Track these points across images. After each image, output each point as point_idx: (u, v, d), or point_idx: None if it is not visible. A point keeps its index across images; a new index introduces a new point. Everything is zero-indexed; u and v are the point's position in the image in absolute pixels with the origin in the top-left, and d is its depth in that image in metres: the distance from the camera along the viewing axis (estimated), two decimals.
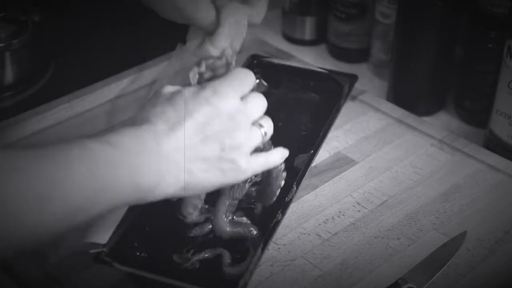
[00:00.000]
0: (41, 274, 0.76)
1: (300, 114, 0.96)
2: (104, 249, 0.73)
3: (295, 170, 0.84)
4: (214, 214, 0.78)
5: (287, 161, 0.88)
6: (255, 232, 0.77)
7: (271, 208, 0.79)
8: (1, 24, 0.99)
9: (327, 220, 0.83)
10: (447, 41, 1.00)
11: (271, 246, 0.79)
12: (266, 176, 0.79)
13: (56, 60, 1.10)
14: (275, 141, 0.92)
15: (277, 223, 0.77)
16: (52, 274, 0.76)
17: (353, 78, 0.96)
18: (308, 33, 1.18)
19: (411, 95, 1.04)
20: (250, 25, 0.80)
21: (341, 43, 1.14)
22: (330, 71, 0.98)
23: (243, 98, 0.72)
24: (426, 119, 1.02)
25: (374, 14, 1.08)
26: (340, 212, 0.84)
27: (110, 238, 0.75)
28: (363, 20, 1.11)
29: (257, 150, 0.74)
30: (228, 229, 0.77)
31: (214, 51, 0.77)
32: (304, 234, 0.81)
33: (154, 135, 0.66)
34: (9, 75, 1.02)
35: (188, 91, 0.70)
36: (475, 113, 1.01)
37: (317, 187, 0.88)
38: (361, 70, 1.12)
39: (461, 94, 1.03)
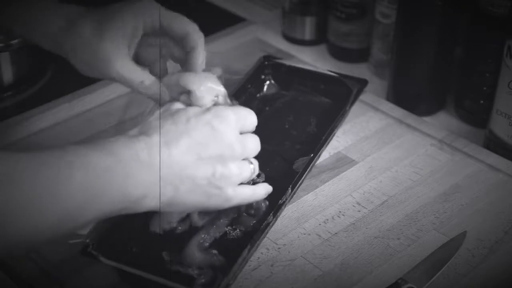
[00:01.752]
0: (41, 274, 0.76)
1: (308, 117, 0.96)
2: (87, 240, 0.73)
3: (294, 173, 0.84)
4: (187, 244, 0.77)
5: (287, 163, 0.88)
6: (222, 261, 0.76)
7: (265, 211, 0.80)
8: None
9: (327, 220, 0.83)
10: (447, 41, 1.00)
11: (271, 246, 0.79)
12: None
13: (56, 60, 1.10)
14: (279, 142, 0.92)
15: (268, 225, 0.77)
16: (52, 274, 0.76)
17: (362, 83, 0.96)
18: (308, 33, 1.18)
19: (411, 95, 1.04)
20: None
21: (341, 43, 1.14)
22: (340, 74, 0.98)
23: (242, 133, 0.71)
24: (426, 119, 1.02)
25: (374, 14, 1.08)
26: (340, 212, 0.84)
27: (100, 232, 0.75)
28: (363, 20, 1.11)
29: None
30: (197, 258, 0.76)
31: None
32: (304, 234, 0.81)
33: (148, 147, 0.65)
34: (9, 75, 1.02)
35: (192, 110, 0.70)
36: (475, 113, 1.01)
37: (317, 187, 0.88)
38: (361, 70, 1.12)
39: (461, 94, 1.03)
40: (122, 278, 0.75)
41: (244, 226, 0.79)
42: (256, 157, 0.76)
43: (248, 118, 0.73)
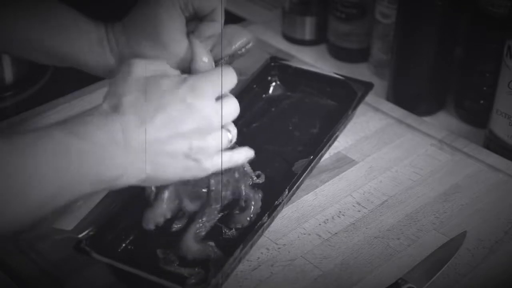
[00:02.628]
0: (41, 274, 0.76)
1: (313, 119, 0.96)
2: (79, 236, 0.74)
3: (293, 174, 0.84)
4: (182, 235, 0.77)
5: (287, 164, 0.88)
6: (218, 253, 0.75)
7: (260, 213, 0.80)
8: None
9: (327, 220, 0.83)
10: (447, 41, 1.00)
11: (271, 246, 0.79)
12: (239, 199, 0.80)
13: None
14: (282, 143, 0.92)
15: (262, 225, 0.77)
16: (52, 273, 0.76)
17: (368, 86, 0.96)
18: (308, 33, 1.18)
19: (411, 95, 1.04)
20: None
21: (341, 43, 1.14)
22: (346, 77, 0.98)
23: (218, 98, 0.70)
24: (426, 119, 1.02)
25: (374, 14, 1.08)
26: (340, 212, 0.84)
27: (95, 227, 0.75)
28: (363, 20, 1.11)
29: None
30: (194, 249, 0.76)
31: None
32: (304, 234, 0.81)
33: (122, 128, 0.65)
34: (9, 75, 1.02)
35: (166, 81, 0.67)
36: (475, 113, 1.01)
37: (317, 187, 0.88)
38: (361, 70, 1.12)
39: (461, 94, 1.03)
40: (115, 275, 0.74)
41: (240, 224, 0.79)
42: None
43: (226, 81, 0.70)
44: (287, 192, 0.81)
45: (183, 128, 0.67)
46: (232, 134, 0.72)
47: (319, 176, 0.89)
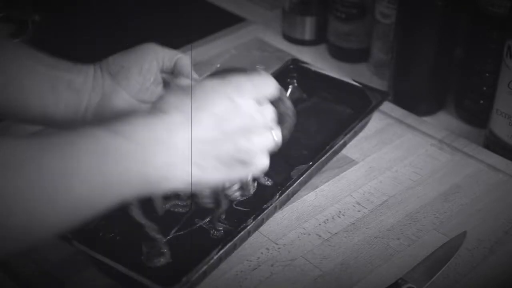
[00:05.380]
0: (41, 274, 0.76)
1: (325, 125, 0.95)
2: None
3: (290, 179, 0.83)
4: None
5: (289, 168, 0.88)
6: (228, 227, 0.78)
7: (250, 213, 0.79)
8: (1, 24, 1.00)
9: (327, 220, 0.83)
10: (447, 41, 1.00)
11: (271, 246, 0.79)
12: None
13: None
14: (287, 146, 0.91)
15: (245, 227, 0.76)
16: (52, 274, 0.76)
17: (384, 95, 0.95)
18: (308, 33, 1.18)
19: (411, 95, 1.04)
20: None
21: (341, 43, 1.14)
22: (364, 85, 0.96)
23: (259, 101, 0.67)
24: (426, 119, 1.02)
25: (374, 14, 1.08)
26: (340, 212, 0.84)
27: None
28: (363, 20, 1.11)
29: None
30: (221, 202, 0.78)
31: None
32: (304, 234, 0.81)
33: (167, 126, 0.62)
34: None
35: (208, 82, 0.66)
36: (475, 113, 1.01)
37: (317, 187, 0.88)
38: (361, 70, 1.12)
39: (461, 94, 1.03)
40: (97, 266, 0.74)
41: (233, 219, 0.80)
42: None
43: (268, 84, 0.69)
44: (277, 196, 0.80)
45: (230, 127, 0.64)
46: (277, 135, 0.69)
47: (319, 176, 0.89)
